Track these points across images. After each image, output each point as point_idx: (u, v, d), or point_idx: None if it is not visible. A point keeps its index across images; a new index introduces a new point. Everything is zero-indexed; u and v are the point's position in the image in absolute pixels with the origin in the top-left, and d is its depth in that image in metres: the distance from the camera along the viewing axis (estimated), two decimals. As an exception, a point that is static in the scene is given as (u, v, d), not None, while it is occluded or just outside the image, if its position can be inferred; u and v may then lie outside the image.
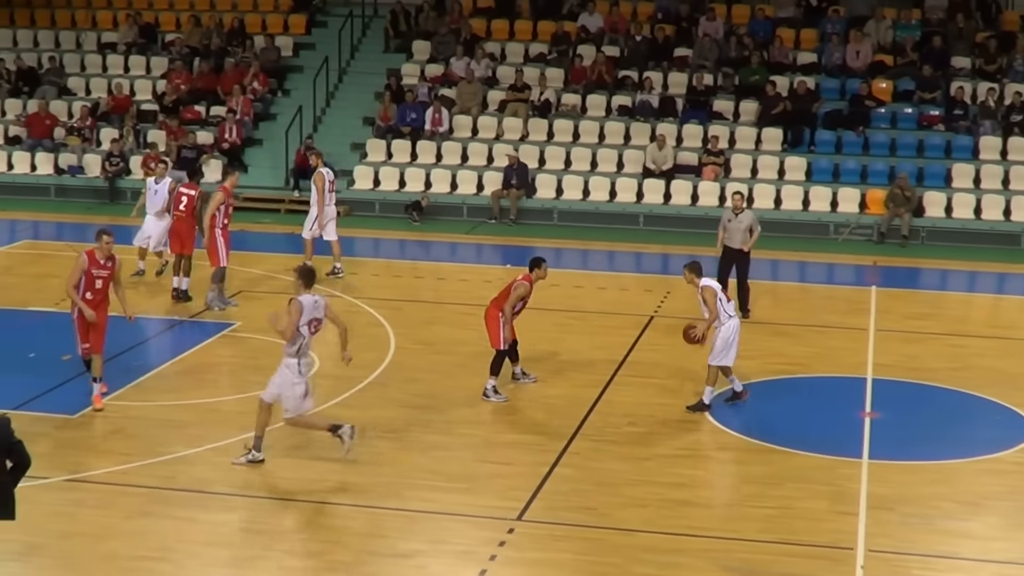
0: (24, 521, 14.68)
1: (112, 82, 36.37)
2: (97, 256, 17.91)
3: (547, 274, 19.67)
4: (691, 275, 18.74)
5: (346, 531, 14.54)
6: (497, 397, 18.96)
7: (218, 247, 23.06)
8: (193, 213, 23.58)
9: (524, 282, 19.15)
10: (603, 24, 36.30)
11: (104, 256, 17.98)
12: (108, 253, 18.01)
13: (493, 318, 18.94)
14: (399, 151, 33.77)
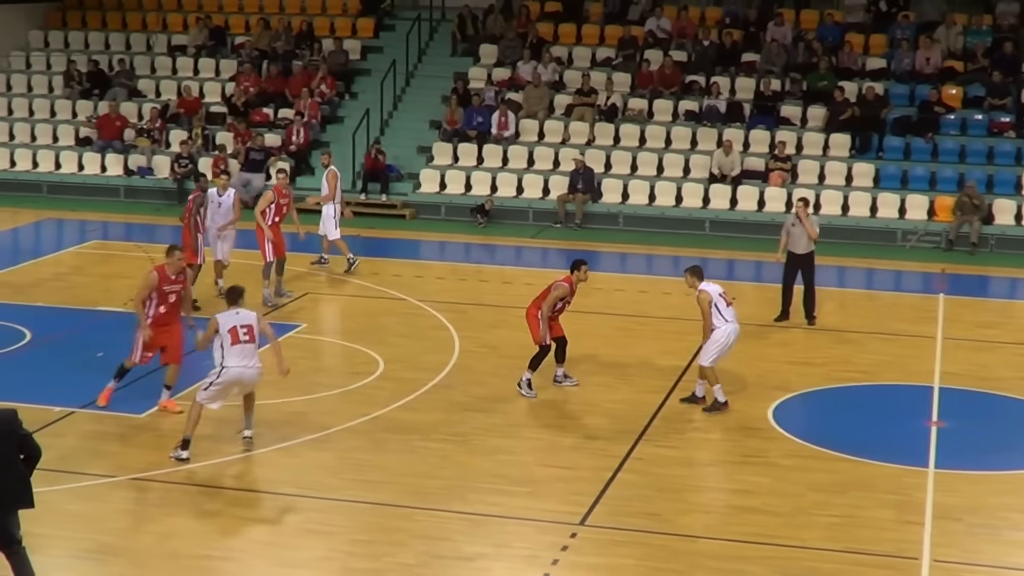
0: (91, 519, 14.87)
1: (181, 84, 36.64)
2: (168, 272, 18.05)
3: (588, 276, 19.66)
4: (691, 279, 18.81)
5: (410, 533, 14.57)
6: (528, 393, 19.08)
7: (265, 243, 23.71)
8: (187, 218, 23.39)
9: (564, 283, 19.19)
10: (671, 29, 36.23)
11: (175, 271, 18.14)
12: (179, 268, 18.18)
13: (532, 316, 19.04)
14: (465, 155, 33.84)
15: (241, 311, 16.52)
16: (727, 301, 18.69)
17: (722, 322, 18.45)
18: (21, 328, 21.99)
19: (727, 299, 18.72)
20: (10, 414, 12.25)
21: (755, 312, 24.08)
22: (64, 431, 17.48)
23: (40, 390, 18.72)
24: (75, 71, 37.17)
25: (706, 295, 18.46)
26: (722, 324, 18.45)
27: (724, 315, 18.52)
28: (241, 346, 16.38)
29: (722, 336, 18.43)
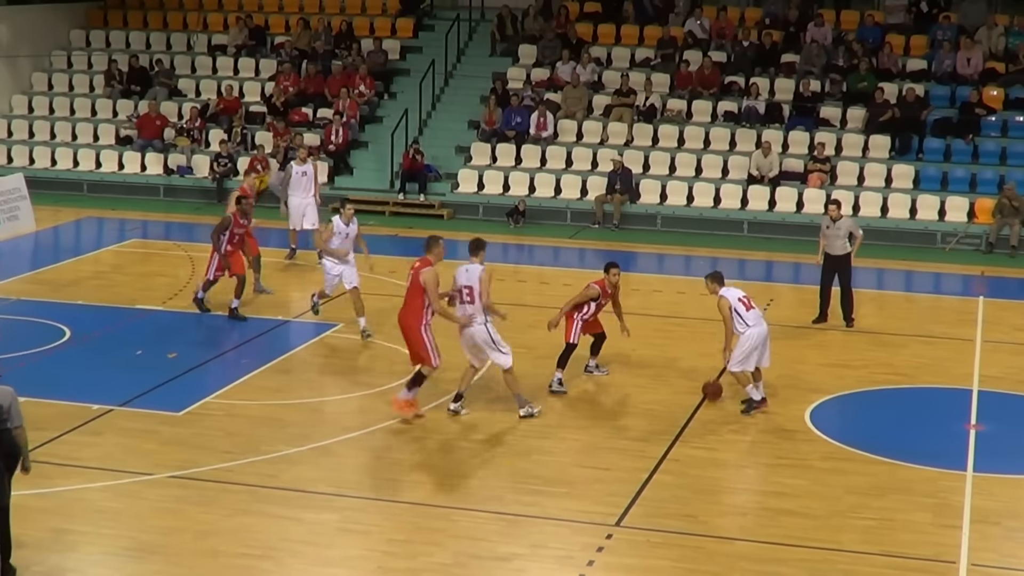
0: (129, 517, 14.95)
1: (221, 84, 36.78)
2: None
3: (618, 279, 19.76)
4: (712, 285, 18.78)
5: (446, 533, 14.59)
6: (559, 389, 19.28)
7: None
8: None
9: (595, 285, 19.48)
10: (710, 29, 36.16)
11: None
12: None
13: (568, 316, 19.50)
14: (504, 155, 33.86)
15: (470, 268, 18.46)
16: (747, 305, 18.50)
17: (744, 327, 18.31)
18: (61, 326, 22.13)
19: (747, 303, 18.53)
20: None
21: (793, 314, 24.03)
22: (102, 429, 17.58)
23: (79, 388, 18.84)
24: (116, 70, 37.36)
25: (726, 301, 18.34)
26: (745, 329, 18.31)
27: (746, 320, 18.34)
28: (462, 306, 18.25)
29: (747, 341, 18.30)
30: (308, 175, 27.52)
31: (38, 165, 35.48)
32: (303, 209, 27.35)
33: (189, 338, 22.00)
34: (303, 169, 27.51)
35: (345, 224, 22.52)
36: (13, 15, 37.23)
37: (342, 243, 24.83)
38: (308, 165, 27.68)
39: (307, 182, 27.49)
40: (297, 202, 27.35)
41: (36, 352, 20.65)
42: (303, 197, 27.40)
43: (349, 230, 22.56)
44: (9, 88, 37.33)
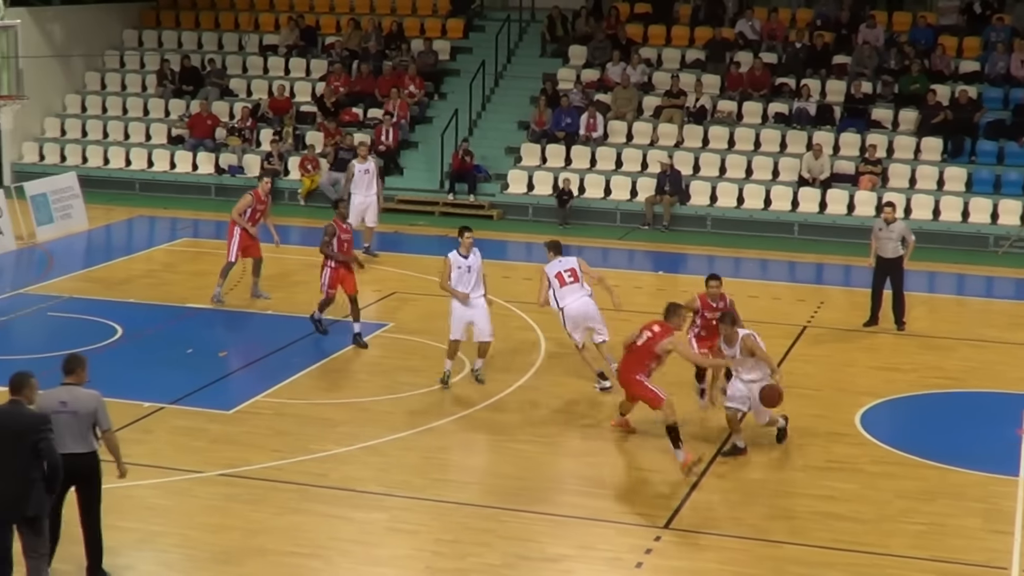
0: (179, 514, 15.05)
1: (273, 84, 36.93)
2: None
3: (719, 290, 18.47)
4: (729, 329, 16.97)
5: (494, 534, 14.61)
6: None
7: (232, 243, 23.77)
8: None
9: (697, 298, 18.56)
10: (761, 30, 36.04)
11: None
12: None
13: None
14: (553, 155, 33.85)
15: (562, 259, 19.44)
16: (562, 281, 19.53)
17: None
18: (113, 324, 22.29)
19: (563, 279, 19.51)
20: (37, 418, 12.06)
21: (844, 317, 23.93)
22: (153, 427, 17.70)
23: (130, 385, 18.96)
24: (168, 70, 37.57)
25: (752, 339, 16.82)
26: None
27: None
28: (568, 286, 19.08)
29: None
30: (370, 172, 27.72)
31: (91, 164, 35.72)
32: (364, 207, 27.44)
33: (239, 337, 22.12)
34: (365, 167, 27.69)
35: (464, 256, 19.58)
36: (67, 15, 37.50)
37: (360, 181, 25.06)
38: (370, 163, 27.88)
39: (369, 180, 27.68)
40: (359, 200, 27.45)
41: (88, 350, 20.77)
42: (365, 195, 27.57)
43: (470, 263, 19.55)
44: (63, 87, 37.59)
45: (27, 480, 11.89)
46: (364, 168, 27.72)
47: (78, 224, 30.42)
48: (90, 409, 12.71)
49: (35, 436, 11.88)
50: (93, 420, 12.73)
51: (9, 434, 11.86)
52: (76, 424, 12.60)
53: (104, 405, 12.86)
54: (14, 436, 11.86)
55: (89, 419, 12.69)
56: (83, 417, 12.65)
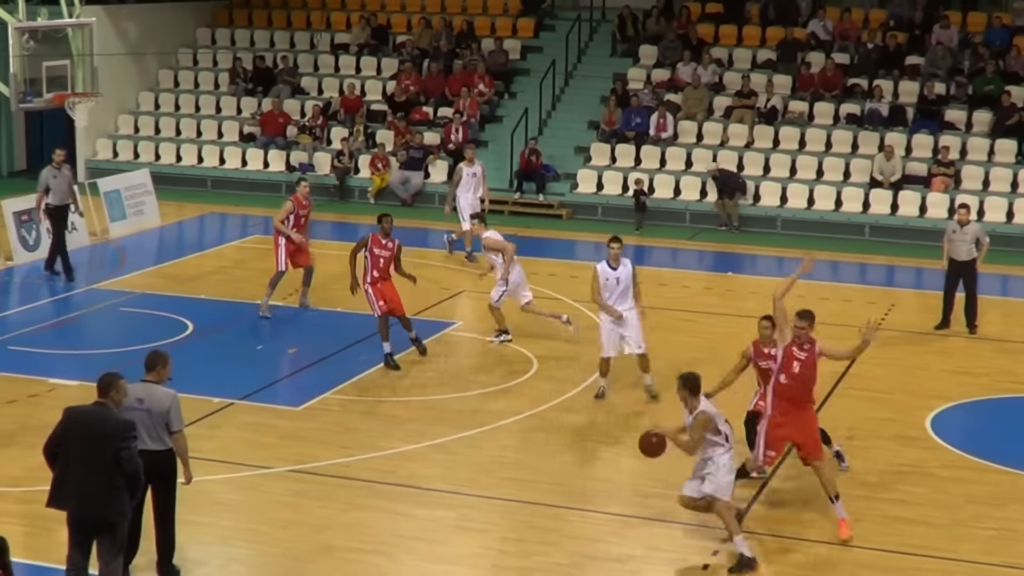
0: (248, 509, 15.15)
1: (344, 82, 37.08)
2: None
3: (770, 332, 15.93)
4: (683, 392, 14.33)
5: (561, 533, 14.61)
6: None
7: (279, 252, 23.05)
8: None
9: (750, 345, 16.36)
10: (833, 31, 35.81)
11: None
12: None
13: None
14: (623, 155, 33.78)
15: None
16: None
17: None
18: (183, 320, 22.46)
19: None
20: (122, 424, 11.99)
21: (916, 320, 23.74)
22: (222, 422, 17.82)
23: (200, 381, 19.05)
24: (240, 68, 37.81)
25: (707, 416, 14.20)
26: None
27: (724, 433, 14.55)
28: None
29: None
30: (477, 176, 27.72)
31: (163, 161, 36.01)
32: (472, 210, 27.07)
33: (308, 334, 22.21)
34: (472, 170, 27.71)
35: (612, 268, 18.67)
36: (142, 13, 37.83)
37: (468, 184, 25.01)
38: (477, 166, 27.88)
39: (476, 183, 27.68)
40: (467, 203, 27.47)
41: (159, 345, 20.90)
42: (472, 198, 27.56)
43: (619, 274, 18.62)
44: (136, 85, 37.92)
45: (111, 485, 11.86)
46: (471, 171, 27.72)
47: (150, 220, 30.66)
48: (163, 408, 12.70)
49: (119, 443, 11.83)
50: (166, 419, 12.74)
51: (95, 438, 11.84)
52: (150, 422, 12.63)
53: (178, 406, 12.84)
54: (99, 440, 11.82)
55: (162, 418, 12.69)
56: (156, 416, 12.67)
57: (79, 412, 12.06)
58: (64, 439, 11.91)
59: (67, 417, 12.02)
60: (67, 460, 11.85)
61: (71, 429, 11.91)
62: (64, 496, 11.89)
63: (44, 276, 25.36)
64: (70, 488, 11.83)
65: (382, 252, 20.31)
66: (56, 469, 11.95)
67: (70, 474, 11.83)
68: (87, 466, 11.78)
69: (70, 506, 11.91)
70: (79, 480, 11.80)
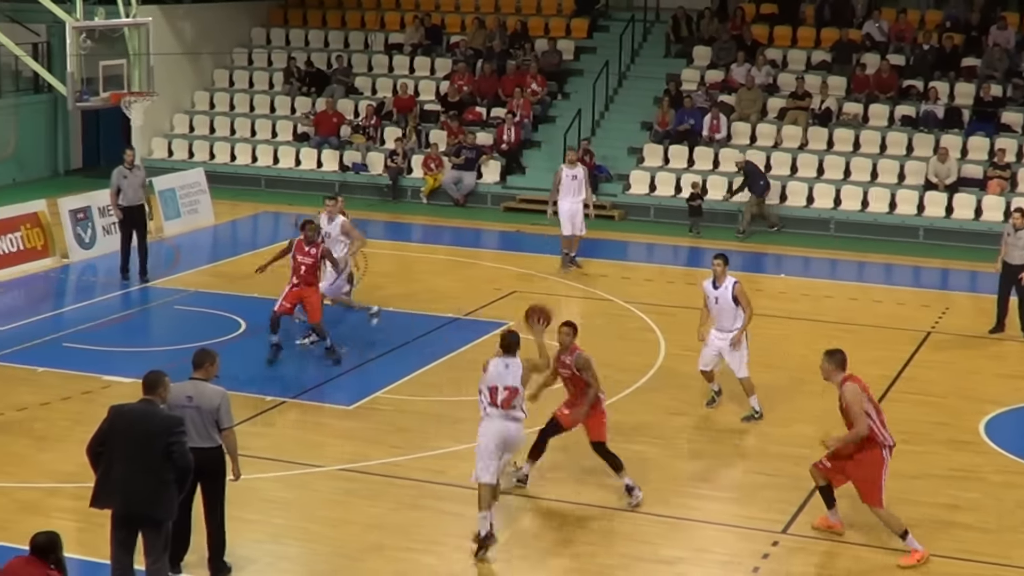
0: (299, 507, 15.23)
1: (397, 82, 37.17)
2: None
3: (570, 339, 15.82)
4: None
5: (611, 534, 14.61)
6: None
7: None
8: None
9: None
10: (889, 32, 35.61)
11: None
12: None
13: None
14: (676, 156, 33.71)
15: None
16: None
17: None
18: (236, 318, 22.59)
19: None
20: (170, 420, 12.11)
21: (969, 323, 23.59)
22: (274, 420, 17.93)
23: (253, 379, 19.22)
24: (295, 68, 37.97)
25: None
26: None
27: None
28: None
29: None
30: (578, 179, 26.66)
31: (218, 160, 36.21)
32: (572, 213, 26.60)
33: (360, 333, 22.26)
34: (573, 172, 26.73)
35: (715, 286, 18.53)
36: (198, 13, 38.07)
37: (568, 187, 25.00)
38: (578, 169, 26.90)
39: (577, 186, 26.64)
40: (567, 206, 26.63)
41: (212, 343, 21.06)
42: (572, 201, 26.62)
43: (719, 293, 18.48)
44: (192, 84, 38.16)
45: (158, 481, 11.94)
46: (572, 174, 26.70)
47: (204, 219, 30.86)
48: (213, 405, 12.81)
49: (168, 439, 11.91)
50: (216, 416, 12.84)
51: (142, 434, 11.92)
52: (200, 419, 12.74)
53: (228, 403, 12.94)
54: (147, 437, 11.90)
55: (212, 415, 12.80)
56: (206, 413, 12.77)
57: (125, 410, 12.17)
58: (110, 437, 12.00)
59: (113, 415, 12.12)
60: (112, 458, 11.95)
61: (117, 427, 12.00)
62: (110, 494, 11.98)
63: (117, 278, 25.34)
64: (116, 486, 11.92)
65: (304, 259, 20.11)
66: (100, 468, 12.04)
67: (116, 472, 11.92)
68: (134, 463, 11.87)
69: (116, 504, 11.99)
70: (126, 478, 11.88)
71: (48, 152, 37.13)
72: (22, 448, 16.86)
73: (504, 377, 14.26)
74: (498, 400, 14.21)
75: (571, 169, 26.76)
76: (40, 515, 14.66)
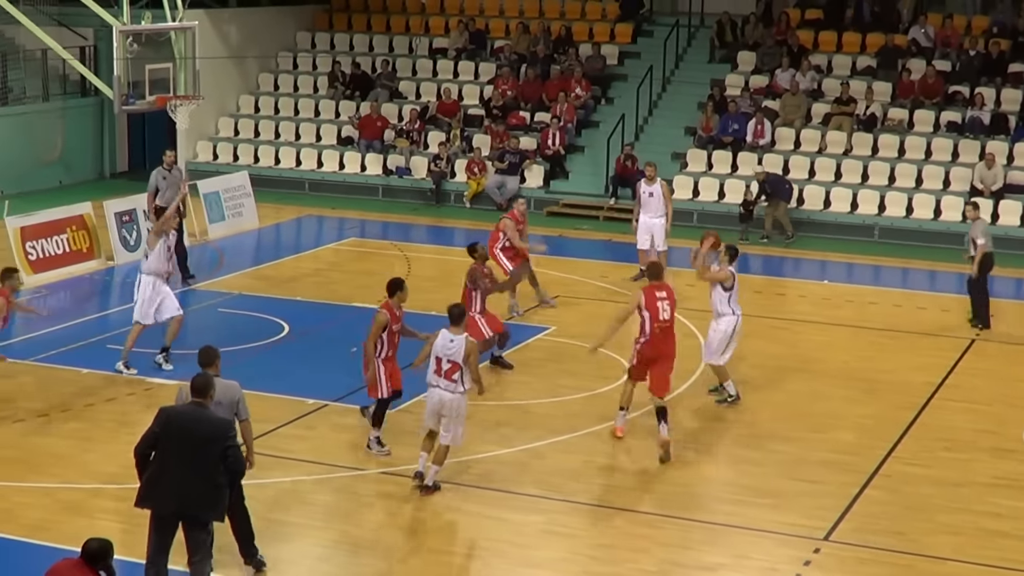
0: (341, 511, 15.27)
1: (441, 86, 37.25)
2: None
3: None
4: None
5: (651, 540, 14.59)
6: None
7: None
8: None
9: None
10: (935, 37, 35.43)
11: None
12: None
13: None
14: (720, 162, 33.63)
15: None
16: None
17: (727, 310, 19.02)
18: (280, 321, 22.67)
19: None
20: (224, 424, 12.36)
21: (1014, 330, 23.45)
22: (316, 423, 17.97)
23: (295, 382, 19.29)
24: (339, 72, 38.09)
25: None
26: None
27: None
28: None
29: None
30: (656, 195, 25.80)
31: (262, 163, 36.35)
32: (650, 229, 25.80)
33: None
34: (650, 189, 25.85)
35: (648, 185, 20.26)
36: (244, 16, 38.24)
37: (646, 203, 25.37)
38: (656, 184, 25.91)
39: (655, 202, 25.82)
40: (645, 221, 25.85)
41: (255, 346, 21.20)
42: (649, 217, 25.83)
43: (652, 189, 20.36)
44: (237, 88, 38.33)
45: (212, 485, 12.11)
46: (649, 190, 25.83)
47: (249, 222, 31.00)
48: (235, 399, 13.17)
49: (225, 443, 12.10)
50: (235, 409, 13.14)
51: (198, 438, 12.05)
52: (223, 415, 12.97)
53: (244, 395, 13.31)
54: (202, 441, 12.04)
55: (232, 408, 13.12)
56: (227, 408, 13.05)
57: (178, 414, 12.26)
58: (162, 440, 12.08)
59: (165, 419, 12.19)
60: (164, 461, 12.02)
61: (171, 430, 12.08)
62: (161, 496, 12.04)
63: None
64: (170, 488, 11.99)
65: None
66: (149, 469, 12.12)
67: (169, 475, 11.99)
68: (189, 466, 11.96)
69: (166, 506, 12.07)
70: (179, 480, 11.96)
71: (94, 155, 37.39)
72: (66, 449, 16.97)
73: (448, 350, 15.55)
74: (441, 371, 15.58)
75: (648, 185, 25.97)
76: (84, 516, 14.77)
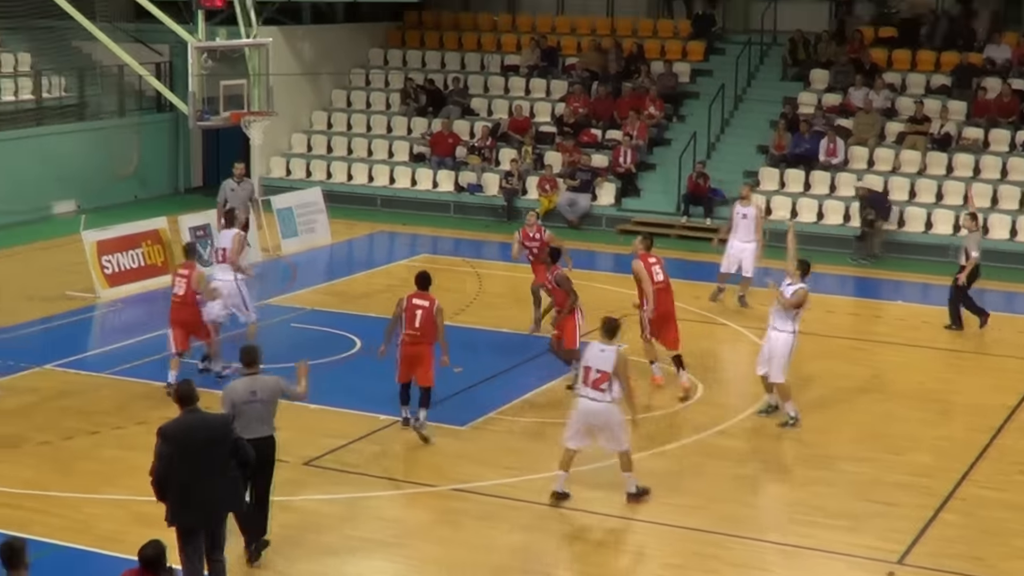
0: (411, 526, 15.30)
1: (513, 104, 37.31)
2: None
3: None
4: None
5: (722, 560, 14.52)
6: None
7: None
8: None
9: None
10: (1011, 56, 35.12)
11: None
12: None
13: None
14: (792, 180, 33.47)
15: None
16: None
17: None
18: (352, 336, 22.76)
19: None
20: (221, 421, 12.79)
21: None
22: (388, 439, 18.01)
23: (367, 397, 19.33)
24: (411, 89, 38.24)
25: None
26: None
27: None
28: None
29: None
30: (748, 217, 25.25)
31: (335, 180, 36.54)
32: (738, 253, 25.29)
33: (475, 353, 22.34)
34: (744, 211, 25.38)
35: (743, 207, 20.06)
36: (318, 34, 38.49)
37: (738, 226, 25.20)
38: (751, 207, 25.48)
39: (747, 225, 25.26)
40: (736, 246, 25.33)
41: (328, 362, 21.28)
42: (742, 241, 25.27)
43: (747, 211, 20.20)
44: (311, 104, 38.59)
45: (231, 480, 12.64)
46: (742, 212, 25.37)
47: (321, 238, 31.16)
48: (277, 391, 13.77)
49: (231, 437, 12.59)
50: (276, 405, 13.70)
51: (209, 443, 12.42)
52: (263, 410, 13.63)
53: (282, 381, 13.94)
54: (212, 444, 12.43)
55: (274, 404, 13.69)
56: (268, 402, 13.66)
57: (183, 428, 12.47)
58: (180, 458, 12.28)
59: (171, 437, 12.39)
60: (188, 476, 12.27)
61: (183, 446, 12.32)
62: (197, 510, 12.35)
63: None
64: (202, 497, 12.32)
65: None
66: (174, 488, 12.32)
67: (197, 488, 12.29)
68: (210, 473, 12.35)
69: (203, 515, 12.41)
70: (208, 489, 12.34)
71: (169, 170, 37.74)
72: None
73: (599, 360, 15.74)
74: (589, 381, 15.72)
75: (743, 207, 25.52)
76: (155, 528, 14.78)
